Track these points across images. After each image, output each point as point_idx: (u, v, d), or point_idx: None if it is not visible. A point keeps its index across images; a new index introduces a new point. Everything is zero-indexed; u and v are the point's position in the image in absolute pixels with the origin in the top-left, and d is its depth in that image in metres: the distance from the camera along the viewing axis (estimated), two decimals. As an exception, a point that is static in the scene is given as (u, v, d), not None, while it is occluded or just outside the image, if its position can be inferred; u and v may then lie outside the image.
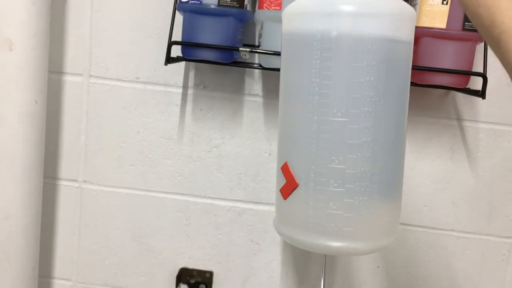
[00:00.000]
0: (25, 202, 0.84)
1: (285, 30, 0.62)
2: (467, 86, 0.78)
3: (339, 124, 0.57)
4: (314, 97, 0.58)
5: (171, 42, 0.78)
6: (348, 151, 0.57)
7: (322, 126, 0.58)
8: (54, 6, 0.87)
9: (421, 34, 0.73)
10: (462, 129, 0.86)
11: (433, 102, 0.86)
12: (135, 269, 0.95)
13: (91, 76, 0.90)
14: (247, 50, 0.77)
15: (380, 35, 0.56)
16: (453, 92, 0.85)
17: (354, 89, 0.56)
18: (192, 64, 0.88)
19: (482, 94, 0.74)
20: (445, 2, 0.73)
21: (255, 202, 0.91)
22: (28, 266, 0.87)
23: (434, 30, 0.73)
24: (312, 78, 0.58)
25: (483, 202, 0.87)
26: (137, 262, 0.95)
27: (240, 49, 0.77)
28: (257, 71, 0.87)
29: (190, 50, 0.78)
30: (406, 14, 0.59)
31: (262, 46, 0.79)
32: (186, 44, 0.78)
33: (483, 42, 0.76)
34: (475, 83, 0.81)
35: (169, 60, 0.78)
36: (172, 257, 0.94)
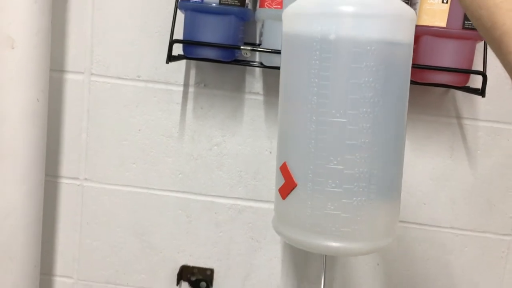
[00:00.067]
0: (26, 200, 0.84)
1: (285, 31, 0.63)
2: (467, 85, 0.78)
3: (338, 124, 0.57)
4: (313, 97, 0.58)
5: (173, 41, 0.78)
6: (346, 152, 0.57)
7: (321, 126, 0.58)
8: (56, 5, 0.87)
9: (421, 33, 0.74)
10: (461, 127, 0.86)
11: (433, 100, 0.86)
12: (136, 266, 0.96)
13: (93, 74, 0.90)
14: (248, 48, 0.77)
15: (379, 37, 0.56)
16: (452, 90, 0.85)
17: (353, 90, 0.56)
18: (193, 62, 0.88)
19: (481, 92, 0.74)
20: (445, 1, 0.73)
21: (256, 200, 0.91)
22: (30, 264, 0.87)
23: (434, 28, 0.74)
24: (311, 79, 0.58)
25: (482, 200, 0.88)
26: (138, 260, 0.95)
27: (241, 47, 0.77)
28: (258, 69, 0.88)
29: (191, 48, 0.78)
30: (406, 15, 0.59)
31: (263, 45, 0.79)
32: (187, 42, 0.78)
33: (483, 41, 0.76)
34: (475, 82, 0.81)
35: (170, 58, 0.78)
36: (173, 254, 0.94)
